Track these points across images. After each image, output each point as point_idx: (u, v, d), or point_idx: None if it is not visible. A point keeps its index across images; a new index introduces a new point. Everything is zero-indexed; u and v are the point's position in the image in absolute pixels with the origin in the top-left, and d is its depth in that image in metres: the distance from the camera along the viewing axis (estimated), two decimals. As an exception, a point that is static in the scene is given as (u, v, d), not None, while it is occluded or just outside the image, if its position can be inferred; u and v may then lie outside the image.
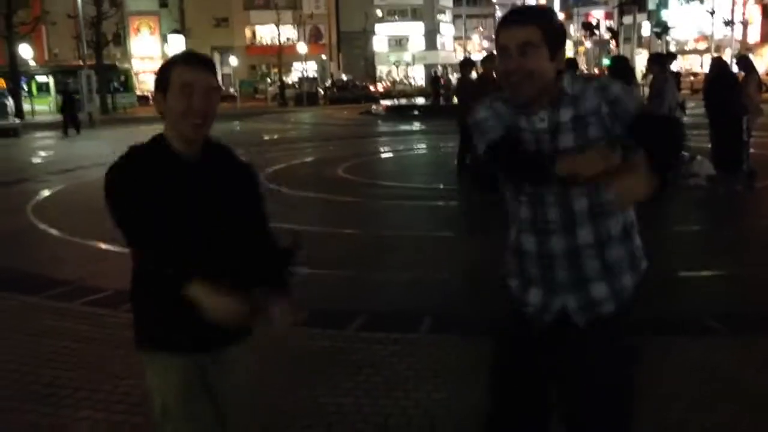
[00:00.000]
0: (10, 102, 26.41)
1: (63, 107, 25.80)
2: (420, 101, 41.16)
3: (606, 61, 44.63)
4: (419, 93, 50.98)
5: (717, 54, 38.92)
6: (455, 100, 15.82)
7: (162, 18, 59.17)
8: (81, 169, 14.23)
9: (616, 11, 60.74)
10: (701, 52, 59.97)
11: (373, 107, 35.26)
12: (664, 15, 60.27)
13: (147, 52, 58.45)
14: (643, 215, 2.38)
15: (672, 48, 53.29)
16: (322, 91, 49.82)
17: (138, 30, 60.04)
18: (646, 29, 59.72)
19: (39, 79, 42.96)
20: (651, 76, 10.33)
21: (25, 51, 39.47)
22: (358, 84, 54.61)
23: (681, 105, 10.75)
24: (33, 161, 18.05)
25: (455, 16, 78.72)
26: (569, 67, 2.39)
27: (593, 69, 57.64)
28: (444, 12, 77.08)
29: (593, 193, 2.16)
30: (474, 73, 11.60)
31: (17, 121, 26.35)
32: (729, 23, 50.57)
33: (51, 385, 4.06)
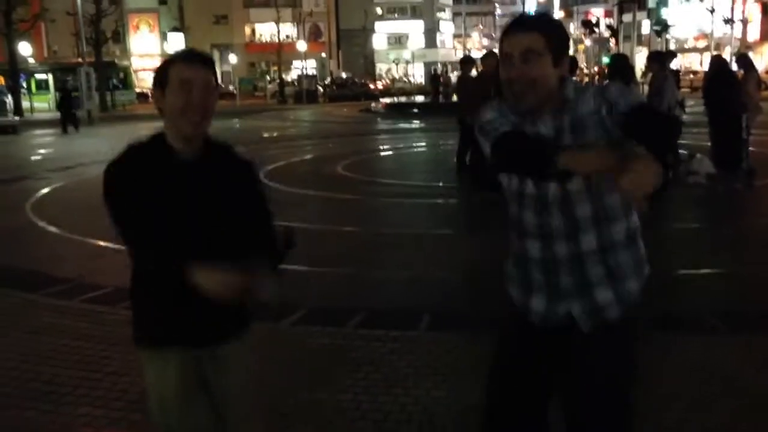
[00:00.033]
0: (9, 99, 26.37)
1: (60, 104, 25.78)
2: (419, 99, 41.16)
3: (605, 59, 44.59)
4: (419, 91, 50.98)
5: (716, 52, 38.97)
6: (455, 97, 15.81)
7: (161, 15, 59.10)
8: (80, 167, 14.19)
9: (615, 9, 60.76)
10: (701, 50, 59.93)
11: (373, 105, 35.25)
12: (663, 13, 60.17)
13: (146, 49, 58.49)
14: (643, 213, 2.36)
15: (672, 46, 53.34)
16: (321, 89, 49.85)
17: (137, 27, 60.13)
18: (645, 27, 59.75)
19: (38, 77, 42.87)
20: (650, 74, 10.32)
21: (25, 48, 39.42)
22: (357, 82, 54.71)
23: (680, 103, 10.75)
24: (32, 158, 18.00)
25: (455, 13, 78.78)
26: (569, 67, 2.37)
27: (593, 67, 57.59)
28: (444, 10, 77.15)
29: (597, 199, 2.15)
30: (474, 71, 11.57)
31: (16, 119, 26.38)
32: (729, 21, 50.53)
33: (50, 383, 4.06)
